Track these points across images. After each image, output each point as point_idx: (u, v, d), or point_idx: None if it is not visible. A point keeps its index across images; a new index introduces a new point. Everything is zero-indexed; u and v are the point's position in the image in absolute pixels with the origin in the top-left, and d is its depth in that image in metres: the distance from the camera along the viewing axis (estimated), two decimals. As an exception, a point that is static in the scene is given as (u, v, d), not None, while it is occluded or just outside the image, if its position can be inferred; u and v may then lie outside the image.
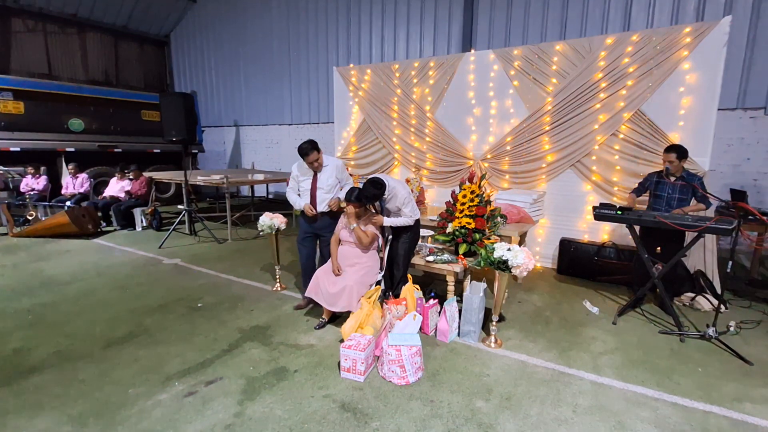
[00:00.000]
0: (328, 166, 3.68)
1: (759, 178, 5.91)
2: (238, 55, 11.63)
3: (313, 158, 3.52)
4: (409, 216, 3.41)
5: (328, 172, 3.67)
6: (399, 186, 3.42)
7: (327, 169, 3.67)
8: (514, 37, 7.35)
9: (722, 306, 3.72)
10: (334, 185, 3.68)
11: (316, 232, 3.78)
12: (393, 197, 3.39)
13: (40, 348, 3.07)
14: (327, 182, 3.65)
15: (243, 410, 2.37)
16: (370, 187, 3.25)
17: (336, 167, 3.70)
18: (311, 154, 3.49)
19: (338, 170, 3.70)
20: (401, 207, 3.39)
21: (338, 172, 3.70)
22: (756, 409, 2.44)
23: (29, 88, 8.29)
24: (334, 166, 3.70)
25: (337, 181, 3.69)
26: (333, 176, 3.66)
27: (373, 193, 3.25)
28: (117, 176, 7.73)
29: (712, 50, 4.02)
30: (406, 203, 3.38)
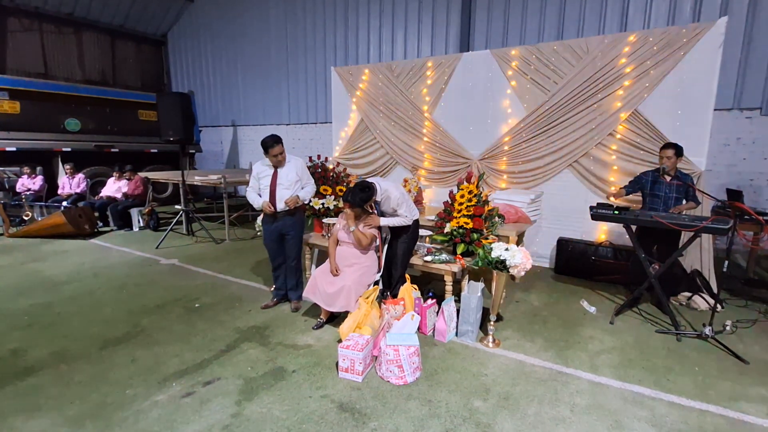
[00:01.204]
0: (290, 162, 3.62)
1: (755, 178, 5.94)
2: (235, 55, 11.60)
3: (277, 151, 3.47)
4: (406, 216, 3.41)
5: (289, 168, 3.60)
6: (392, 188, 3.42)
7: (289, 165, 3.60)
8: (511, 38, 7.36)
9: (718, 305, 3.73)
10: (294, 182, 3.59)
11: (280, 231, 3.68)
12: (386, 199, 3.39)
13: (36, 349, 3.05)
14: (287, 178, 3.56)
15: (241, 411, 2.37)
16: (358, 191, 3.25)
17: (297, 164, 3.64)
18: (275, 147, 3.45)
19: (299, 168, 3.64)
20: (396, 208, 3.39)
21: (299, 169, 3.63)
22: (752, 408, 2.45)
23: (25, 88, 8.25)
24: (296, 164, 3.64)
25: (298, 177, 3.60)
26: (294, 172, 3.58)
27: (360, 197, 3.24)
28: (114, 176, 7.71)
29: (709, 51, 4.04)
30: (401, 204, 3.38)
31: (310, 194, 3.73)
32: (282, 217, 3.63)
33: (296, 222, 3.69)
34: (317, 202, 4.59)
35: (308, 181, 3.72)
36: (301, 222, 3.77)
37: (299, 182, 3.62)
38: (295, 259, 3.79)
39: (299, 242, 3.79)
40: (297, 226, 3.71)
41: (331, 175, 4.85)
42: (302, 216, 3.82)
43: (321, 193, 4.67)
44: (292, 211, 3.62)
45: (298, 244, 3.77)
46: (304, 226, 3.85)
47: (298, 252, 3.79)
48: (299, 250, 3.80)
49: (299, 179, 3.62)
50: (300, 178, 3.63)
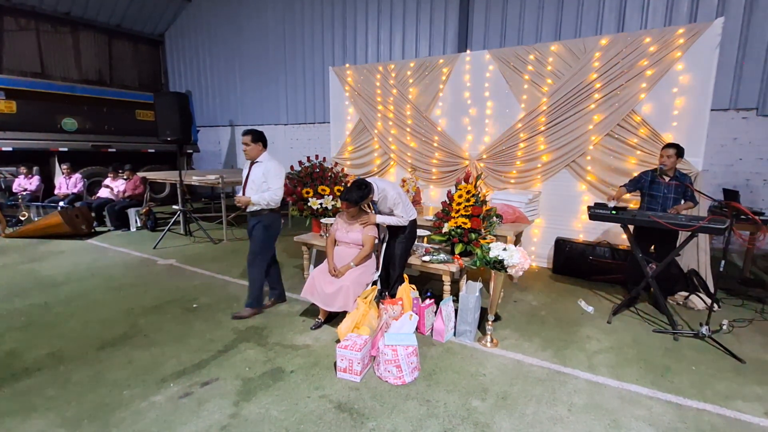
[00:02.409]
0: (263, 163, 3.52)
1: (751, 178, 5.97)
2: (233, 55, 11.58)
3: (244, 140, 3.46)
4: (402, 216, 3.41)
5: (259, 168, 3.51)
6: (389, 187, 3.43)
7: (260, 165, 3.51)
8: (509, 38, 7.38)
9: (715, 305, 3.75)
10: (259, 183, 3.48)
11: (249, 230, 3.65)
12: (383, 199, 3.41)
13: (33, 350, 3.04)
14: (254, 177, 3.51)
15: (239, 411, 2.36)
16: (355, 189, 3.27)
17: (268, 167, 3.50)
18: (244, 137, 3.46)
19: (268, 171, 3.49)
20: (393, 208, 3.41)
21: (267, 172, 3.48)
22: (748, 407, 2.46)
23: (22, 88, 8.21)
24: (267, 166, 3.50)
25: (264, 179, 3.47)
26: (261, 173, 3.48)
27: (357, 195, 3.25)
28: (110, 176, 7.68)
29: (705, 51, 4.06)
30: (397, 204, 3.39)
31: (268, 201, 3.46)
32: (250, 217, 3.59)
33: (258, 224, 3.54)
34: (315, 202, 4.59)
35: (271, 187, 3.49)
36: (263, 226, 3.55)
37: (265, 184, 3.49)
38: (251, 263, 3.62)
39: (259, 246, 3.58)
40: (259, 229, 3.55)
41: (329, 175, 4.85)
42: (268, 220, 3.55)
43: (319, 193, 4.67)
44: (257, 213, 3.53)
45: (256, 247, 3.58)
46: (269, 231, 3.59)
47: (254, 255, 3.59)
48: (257, 254, 3.59)
49: (265, 181, 3.48)
50: (265, 181, 3.48)
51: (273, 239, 3.69)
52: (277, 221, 3.66)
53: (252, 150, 3.50)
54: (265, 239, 3.60)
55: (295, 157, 8.86)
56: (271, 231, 3.62)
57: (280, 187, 3.53)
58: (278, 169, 3.56)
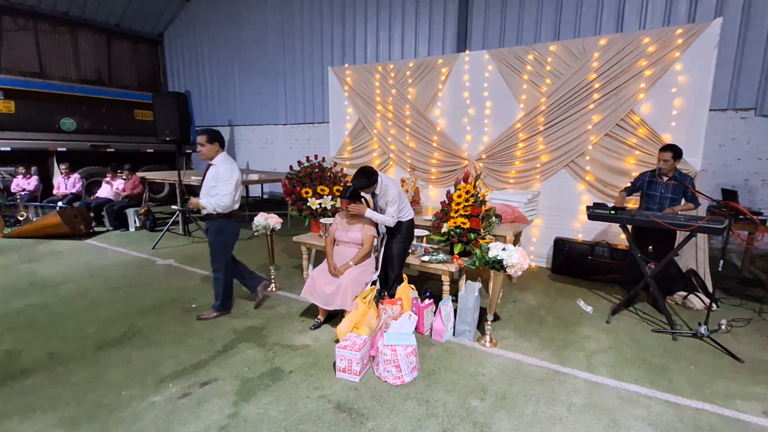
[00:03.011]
0: (216, 165, 3.41)
1: (749, 177, 5.98)
2: (232, 55, 11.57)
3: (199, 140, 3.37)
4: (391, 216, 3.39)
5: (212, 170, 3.41)
6: (391, 184, 3.43)
7: (213, 168, 3.42)
8: (508, 38, 7.38)
9: (714, 304, 3.76)
10: (209, 187, 3.39)
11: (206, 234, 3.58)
12: (384, 194, 3.41)
13: (31, 350, 3.03)
14: (206, 180, 3.43)
15: (238, 411, 2.36)
16: (361, 175, 3.28)
17: (218, 170, 3.38)
18: (199, 137, 3.37)
19: (218, 174, 3.36)
20: (387, 206, 3.40)
21: (217, 176, 3.36)
22: (746, 406, 2.47)
23: (20, 87, 8.20)
24: (218, 169, 3.39)
25: (214, 183, 3.36)
26: (211, 177, 3.39)
27: (363, 182, 3.28)
28: (108, 176, 7.67)
29: (704, 51, 4.07)
30: (393, 202, 3.38)
31: (214, 206, 3.34)
32: (205, 220, 3.52)
33: (211, 228, 3.48)
34: (314, 202, 4.59)
35: (219, 192, 3.34)
36: (216, 230, 3.46)
37: (214, 189, 3.36)
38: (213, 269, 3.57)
39: (215, 251, 3.52)
40: (212, 233, 3.48)
41: (328, 175, 4.85)
42: (219, 225, 3.45)
43: (318, 193, 4.67)
44: (209, 216, 3.44)
45: (213, 252, 3.53)
46: (221, 236, 3.50)
47: (213, 261, 3.54)
48: (214, 259, 3.54)
49: (214, 186, 3.37)
50: (215, 185, 3.37)
51: (227, 244, 3.55)
52: (230, 226, 3.53)
53: (207, 150, 3.39)
54: (218, 244, 3.49)
55: (294, 157, 8.88)
56: (223, 236, 3.49)
57: (228, 193, 3.34)
58: (229, 173, 3.38)
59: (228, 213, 3.44)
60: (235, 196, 3.44)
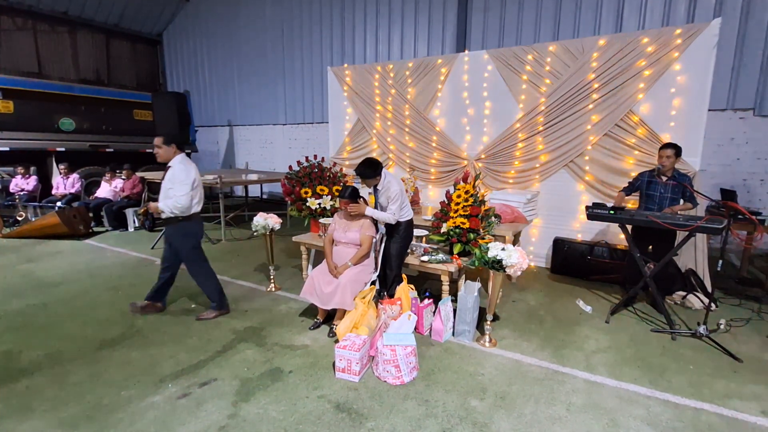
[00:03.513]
0: (173, 168, 3.31)
1: (748, 177, 5.99)
2: (231, 55, 11.56)
3: (156, 142, 3.30)
4: (393, 214, 3.39)
5: (169, 172, 3.32)
6: (394, 181, 3.44)
7: (170, 170, 3.32)
8: (507, 38, 7.38)
9: (713, 304, 3.77)
10: (166, 189, 3.30)
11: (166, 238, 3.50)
12: (386, 189, 3.42)
13: (30, 350, 3.03)
14: (164, 182, 3.33)
15: (237, 411, 2.36)
16: (366, 165, 3.33)
17: (174, 171, 3.29)
18: (156, 139, 3.30)
19: (173, 176, 3.28)
20: (389, 203, 3.40)
21: (173, 176, 3.28)
22: (745, 406, 2.47)
23: (19, 87, 8.18)
24: (174, 170, 3.30)
25: (171, 185, 3.28)
26: (168, 179, 3.30)
27: (369, 171, 3.33)
28: (107, 176, 7.66)
29: (703, 52, 4.07)
30: (395, 200, 3.38)
31: (171, 208, 3.27)
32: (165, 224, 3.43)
33: (174, 233, 3.41)
34: (314, 203, 4.59)
35: (175, 194, 3.26)
36: (181, 235, 3.41)
37: (171, 191, 3.29)
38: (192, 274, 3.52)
39: (186, 255, 3.47)
40: (177, 238, 3.42)
41: (327, 175, 4.84)
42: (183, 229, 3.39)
43: (317, 193, 4.67)
44: (170, 220, 3.35)
45: (185, 257, 3.47)
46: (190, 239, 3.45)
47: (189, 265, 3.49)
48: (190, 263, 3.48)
49: (171, 187, 3.29)
50: (171, 187, 3.28)
51: (195, 245, 3.50)
52: (193, 228, 3.46)
53: (164, 152, 3.32)
54: (187, 247, 3.44)
55: (293, 157, 8.88)
56: (190, 239, 3.45)
57: (184, 194, 3.26)
58: (185, 173, 3.29)
59: (189, 215, 3.36)
60: (194, 197, 3.37)
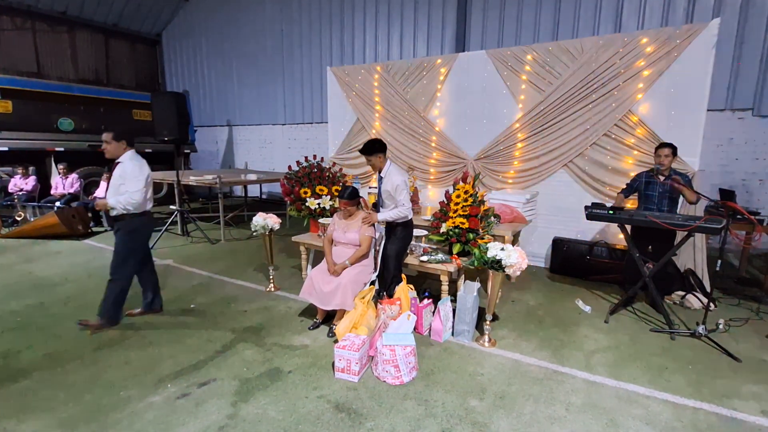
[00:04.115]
0: (123, 163, 3.22)
1: (747, 178, 6.00)
2: (230, 55, 11.55)
3: (105, 137, 3.18)
4: (404, 205, 3.36)
5: (119, 168, 3.21)
6: (396, 172, 3.44)
7: (120, 166, 3.21)
8: (506, 38, 7.39)
9: (712, 304, 3.77)
10: (117, 186, 3.19)
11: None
12: (388, 177, 3.41)
13: (29, 351, 3.02)
14: (113, 179, 3.22)
15: (236, 411, 2.36)
16: (370, 142, 3.38)
17: (125, 168, 3.19)
18: (105, 135, 3.19)
19: (125, 172, 3.18)
20: (393, 193, 3.37)
21: (124, 172, 3.18)
22: (744, 405, 2.47)
23: (17, 87, 8.16)
24: (125, 167, 3.19)
25: (122, 181, 3.17)
26: (119, 175, 3.20)
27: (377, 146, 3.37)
28: (105, 175, 7.64)
29: (701, 52, 4.08)
30: (400, 190, 3.35)
31: (124, 204, 3.14)
32: (113, 221, 3.28)
33: (119, 231, 3.27)
34: (313, 203, 4.59)
35: (128, 190, 3.15)
36: (126, 232, 3.27)
37: (123, 186, 3.18)
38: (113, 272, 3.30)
39: (122, 254, 3.29)
40: (121, 235, 3.27)
41: (327, 175, 4.85)
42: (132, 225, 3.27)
43: (317, 193, 4.67)
44: (119, 217, 3.23)
45: (119, 255, 3.29)
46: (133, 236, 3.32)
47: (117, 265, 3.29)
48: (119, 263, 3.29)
49: (122, 183, 3.18)
50: (123, 183, 3.18)
51: (135, 247, 3.37)
52: (145, 226, 3.39)
53: (113, 148, 3.22)
54: (127, 246, 3.30)
55: (293, 157, 8.87)
56: (136, 236, 3.34)
57: (138, 189, 3.17)
58: (138, 169, 3.22)
59: (141, 212, 3.28)
60: (147, 193, 3.29)
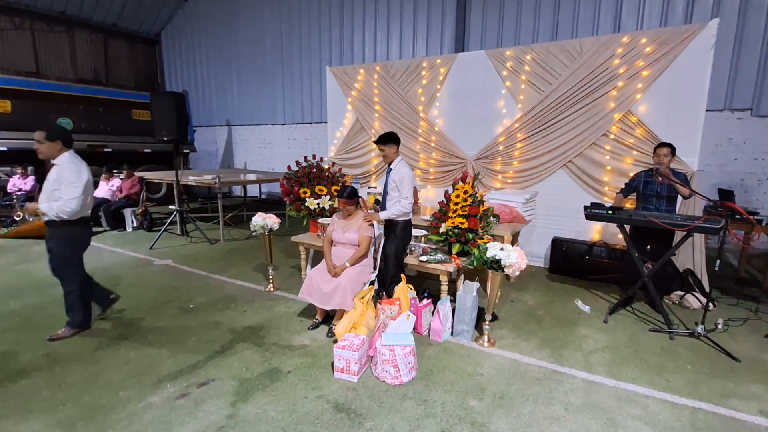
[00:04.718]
0: (60, 166, 2.95)
1: (746, 178, 6.01)
2: (230, 54, 11.55)
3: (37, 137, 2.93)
4: (406, 198, 3.39)
5: (54, 171, 2.97)
6: (406, 166, 3.49)
7: (56, 168, 2.97)
8: (506, 38, 7.40)
9: (710, 304, 3.78)
10: (51, 190, 2.92)
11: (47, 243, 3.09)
12: (398, 168, 3.46)
13: (28, 351, 3.02)
14: (47, 181, 2.97)
15: (236, 412, 2.35)
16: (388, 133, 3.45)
17: (61, 171, 2.93)
18: (37, 134, 2.94)
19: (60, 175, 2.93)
20: (399, 184, 3.40)
21: (60, 176, 2.93)
22: (743, 405, 2.48)
23: (16, 87, 8.15)
24: (60, 170, 2.94)
25: (56, 186, 2.92)
26: (53, 177, 2.95)
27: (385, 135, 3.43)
28: (104, 175, 7.64)
29: (700, 52, 4.09)
30: (406, 183, 3.39)
31: (57, 212, 2.90)
32: (48, 227, 3.04)
33: (55, 237, 3.03)
34: (312, 203, 4.58)
35: (62, 197, 2.89)
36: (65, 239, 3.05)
37: (57, 192, 2.92)
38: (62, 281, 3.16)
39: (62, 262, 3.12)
40: (58, 242, 3.04)
41: (326, 175, 4.84)
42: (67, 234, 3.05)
43: (316, 193, 4.67)
44: (53, 223, 2.99)
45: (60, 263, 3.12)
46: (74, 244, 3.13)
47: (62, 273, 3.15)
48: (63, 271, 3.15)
49: (57, 188, 2.93)
50: (57, 188, 2.92)
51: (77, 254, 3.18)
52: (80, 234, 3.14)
53: (46, 149, 2.95)
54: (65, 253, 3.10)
55: (292, 157, 8.87)
56: (74, 244, 3.12)
57: (74, 197, 2.90)
58: (75, 174, 2.94)
59: (76, 219, 3.00)
60: (86, 200, 3.01)
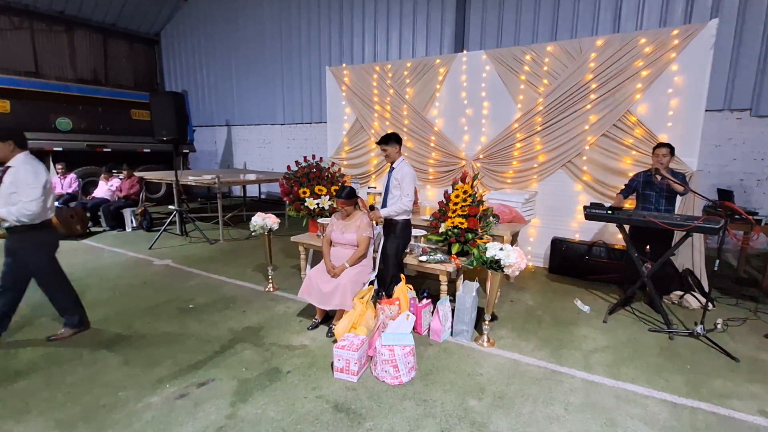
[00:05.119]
0: (15, 168, 2.79)
1: (745, 178, 6.01)
2: (229, 54, 11.55)
3: None
4: (407, 195, 3.43)
5: (9, 174, 2.79)
6: (408, 165, 3.54)
7: (11, 171, 2.79)
8: (505, 38, 7.40)
9: (710, 304, 3.78)
10: (8, 194, 2.77)
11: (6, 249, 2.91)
12: (400, 167, 3.51)
13: (27, 351, 3.01)
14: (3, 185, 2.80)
15: (235, 412, 2.35)
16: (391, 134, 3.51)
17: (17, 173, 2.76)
18: None
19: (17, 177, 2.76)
20: (401, 182, 3.46)
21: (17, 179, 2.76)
22: (742, 405, 2.48)
23: (16, 87, 8.14)
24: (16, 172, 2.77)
25: (14, 189, 2.75)
26: (9, 180, 2.78)
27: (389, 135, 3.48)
28: (104, 175, 7.64)
29: (700, 52, 4.09)
30: (408, 181, 3.44)
31: (17, 217, 2.75)
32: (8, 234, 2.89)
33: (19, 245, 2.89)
34: (312, 203, 4.58)
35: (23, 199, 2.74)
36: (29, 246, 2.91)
37: (15, 195, 2.76)
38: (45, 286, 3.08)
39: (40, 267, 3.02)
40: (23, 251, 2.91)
41: (326, 175, 4.84)
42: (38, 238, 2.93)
43: (316, 193, 4.67)
44: (15, 229, 2.84)
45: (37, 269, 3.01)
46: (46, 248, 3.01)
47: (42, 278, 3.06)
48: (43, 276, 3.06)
49: (14, 192, 2.76)
50: (15, 191, 2.76)
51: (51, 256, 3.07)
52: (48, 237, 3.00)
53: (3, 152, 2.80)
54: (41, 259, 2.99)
55: (291, 157, 8.87)
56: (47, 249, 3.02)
57: (33, 199, 2.75)
58: (33, 175, 2.79)
59: (39, 223, 2.87)
60: (47, 202, 2.86)
